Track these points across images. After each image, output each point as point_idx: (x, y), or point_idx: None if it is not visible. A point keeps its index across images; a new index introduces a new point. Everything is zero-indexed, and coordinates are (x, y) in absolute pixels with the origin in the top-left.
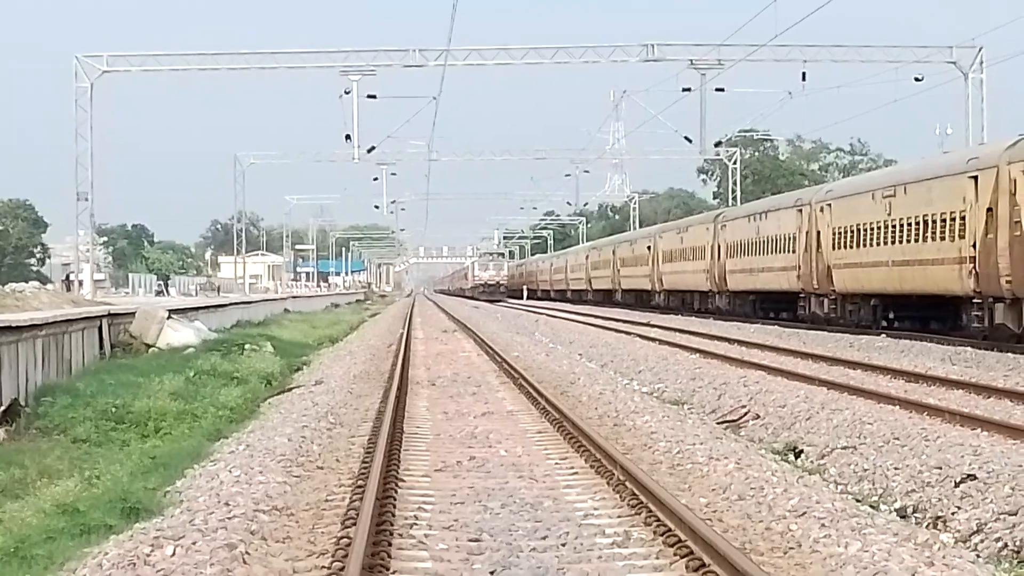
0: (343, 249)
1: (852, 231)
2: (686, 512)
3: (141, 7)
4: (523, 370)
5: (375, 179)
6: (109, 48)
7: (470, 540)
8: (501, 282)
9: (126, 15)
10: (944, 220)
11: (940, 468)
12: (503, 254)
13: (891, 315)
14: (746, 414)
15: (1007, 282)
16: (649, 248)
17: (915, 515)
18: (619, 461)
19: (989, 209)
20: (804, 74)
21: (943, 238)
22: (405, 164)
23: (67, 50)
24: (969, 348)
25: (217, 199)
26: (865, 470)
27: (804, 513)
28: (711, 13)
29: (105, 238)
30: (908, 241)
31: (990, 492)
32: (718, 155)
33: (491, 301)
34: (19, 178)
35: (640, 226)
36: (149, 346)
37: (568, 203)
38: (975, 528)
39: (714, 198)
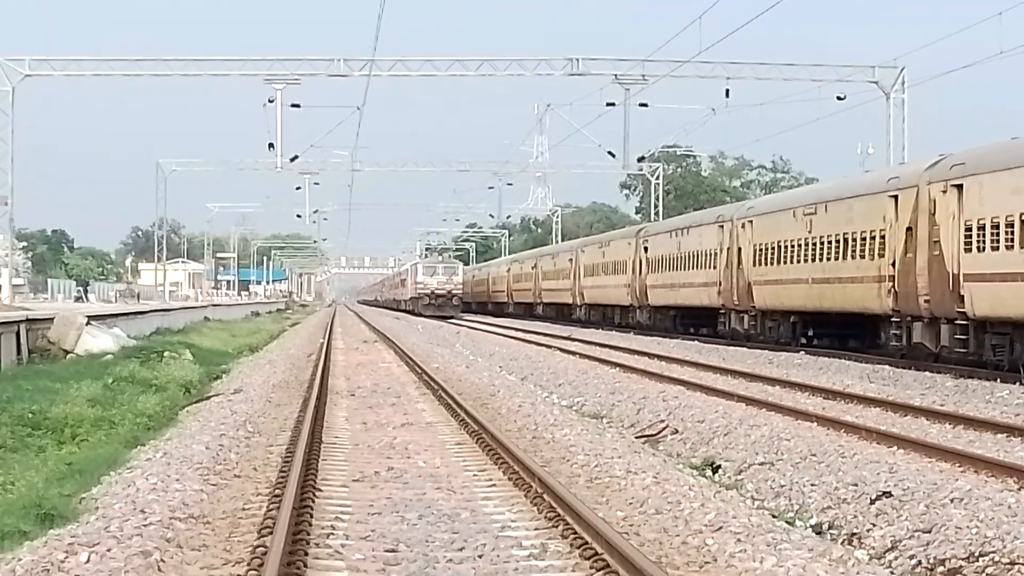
0: (264, 258)
1: (773, 248)
2: (603, 525)
3: (65, 12)
4: (443, 381)
5: (298, 188)
6: (31, 52)
7: (387, 550)
8: (454, 292)
9: (49, 20)
10: (864, 239)
11: (856, 485)
12: (458, 254)
13: (810, 332)
14: (664, 429)
15: (925, 301)
16: (571, 262)
17: (831, 531)
18: (537, 473)
19: (909, 228)
20: (727, 91)
21: (863, 256)
22: (328, 174)
23: None
24: (887, 366)
25: (138, 205)
26: (782, 486)
27: (721, 528)
28: (636, 29)
29: (24, 243)
30: (828, 259)
31: (905, 509)
32: (641, 170)
33: (442, 318)
34: None
35: (562, 240)
36: (67, 352)
37: (491, 215)
38: (890, 545)
39: (636, 213)
